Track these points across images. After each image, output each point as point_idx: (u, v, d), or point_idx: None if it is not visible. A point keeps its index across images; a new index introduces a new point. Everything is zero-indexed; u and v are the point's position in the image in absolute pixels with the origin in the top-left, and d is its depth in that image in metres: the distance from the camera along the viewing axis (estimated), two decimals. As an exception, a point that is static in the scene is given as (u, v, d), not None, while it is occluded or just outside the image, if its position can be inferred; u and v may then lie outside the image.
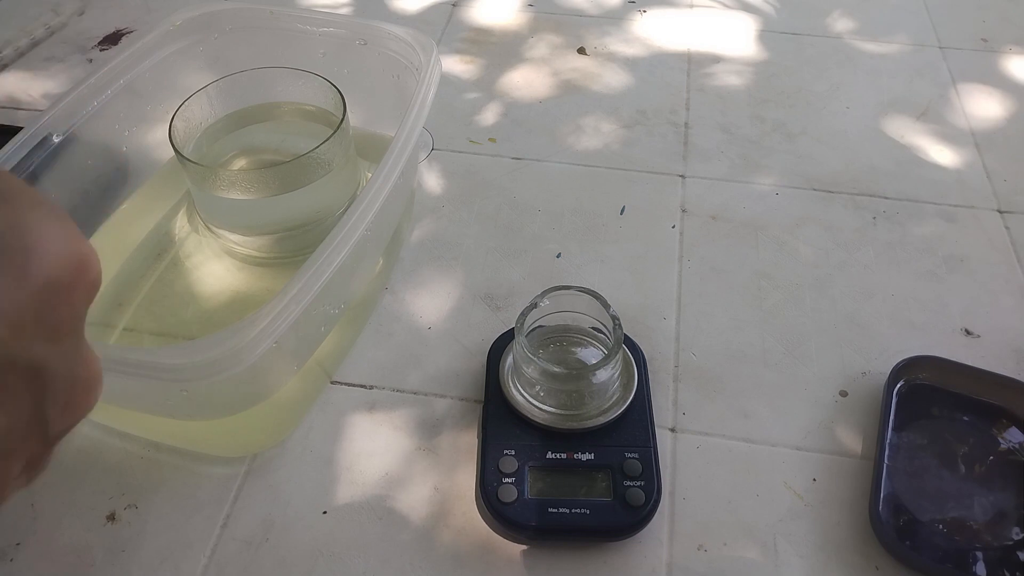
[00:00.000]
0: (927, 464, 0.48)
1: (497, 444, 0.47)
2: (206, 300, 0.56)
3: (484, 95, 0.79)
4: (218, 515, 0.47)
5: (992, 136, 0.75)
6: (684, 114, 0.77)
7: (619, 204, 0.67)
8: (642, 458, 0.46)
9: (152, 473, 0.49)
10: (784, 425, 0.51)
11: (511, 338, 0.51)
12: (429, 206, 0.66)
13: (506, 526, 0.44)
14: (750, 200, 0.68)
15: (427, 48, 0.54)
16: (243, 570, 0.45)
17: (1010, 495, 0.47)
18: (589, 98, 0.79)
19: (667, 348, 0.56)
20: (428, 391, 0.53)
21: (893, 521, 0.46)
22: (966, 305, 0.59)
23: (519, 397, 0.48)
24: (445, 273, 0.61)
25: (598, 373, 0.46)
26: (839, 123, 0.76)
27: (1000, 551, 0.45)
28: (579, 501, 0.44)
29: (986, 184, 0.70)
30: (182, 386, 0.40)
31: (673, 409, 0.52)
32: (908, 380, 0.52)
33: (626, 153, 0.72)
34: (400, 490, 0.48)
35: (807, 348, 0.56)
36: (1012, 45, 0.87)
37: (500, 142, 0.73)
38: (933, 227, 0.66)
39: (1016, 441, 0.50)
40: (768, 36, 0.88)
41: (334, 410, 0.52)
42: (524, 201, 0.67)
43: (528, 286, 0.60)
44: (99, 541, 0.46)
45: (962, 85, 0.81)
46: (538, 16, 0.90)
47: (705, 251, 0.63)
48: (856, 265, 0.62)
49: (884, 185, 0.69)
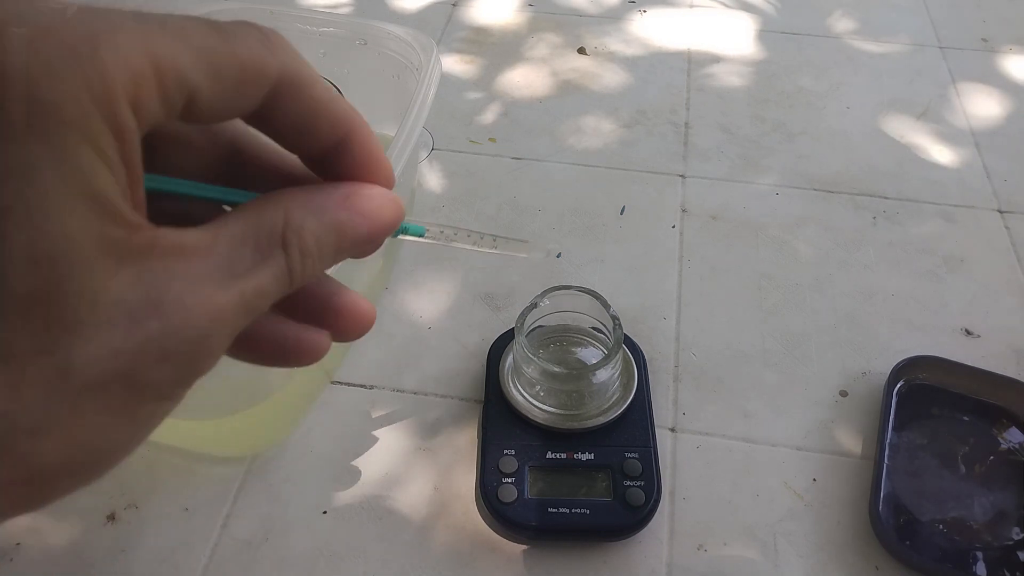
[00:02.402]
0: (927, 464, 0.48)
1: (497, 444, 0.47)
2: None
3: (484, 95, 0.79)
4: (218, 515, 0.47)
5: (992, 136, 0.75)
6: (684, 114, 0.77)
7: (619, 204, 0.67)
8: (642, 458, 0.46)
9: (152, 473, 0.49)
10: (784, 425, 0.51)
11: (511, 338, 0.51)
12: (429, 206, 0.66)
13: (506, 526, 0.44)
14: (750, 200, 0.68)
15: (427, 48, 0.54)
16: (243, 570, 0.45)
17: (1010, 495, 0.47)
18: (589, 98, 0.78)
19: (667, 348, 0.56)
20: (428, 391, 0.53)
21: (893, 521, 0.46)
22: (966, 305, 0.59)
23: (519, 397, 0.48)
24: (445, 273, 0.61)
25: (598, 373, 0.46)
26: (839, 123, 0.76)
27: (1000, 551, 0.45)
28: (579, 501, 0.44)
29: (986, 184, 0.70)
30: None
31: (673, 409, 0.52)
32: (908, 380, 0.52)
33: (626, 153, 0.72)
34: (400, 490, 0.48)
35: (807, 348, 0.56)
36: (1012, 45, 0.87)
37: (500, 142, 0.73)
38: (933, 227, 0.66)
39: (1016, 441, 0.50)
40: (768, 36, 0.88)
41: (334, 410, 0.52)
42: (524, 201, 0.67)
43: (528, 286, 0.60)
44: (99, 541, 0.46)
45: (962, 85, 0.81)
46: (538, 16, 0.90)
47: (705, 251, 0.63)
48: (856, 265, 0.62)
49: (884, 185, 0.69)
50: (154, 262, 0.15)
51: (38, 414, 0.14)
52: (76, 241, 0.14)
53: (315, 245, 0.17)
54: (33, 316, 0.14)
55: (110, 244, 0.14)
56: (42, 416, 0.14)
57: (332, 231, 0.18)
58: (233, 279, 0.16)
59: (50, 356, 0.14)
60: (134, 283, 0.15)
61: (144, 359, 0.15)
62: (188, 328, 0.15)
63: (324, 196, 0.18)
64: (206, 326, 0.15)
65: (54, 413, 0.14)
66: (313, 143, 0.19)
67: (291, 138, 0.19)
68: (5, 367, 0.13)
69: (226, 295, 0.16)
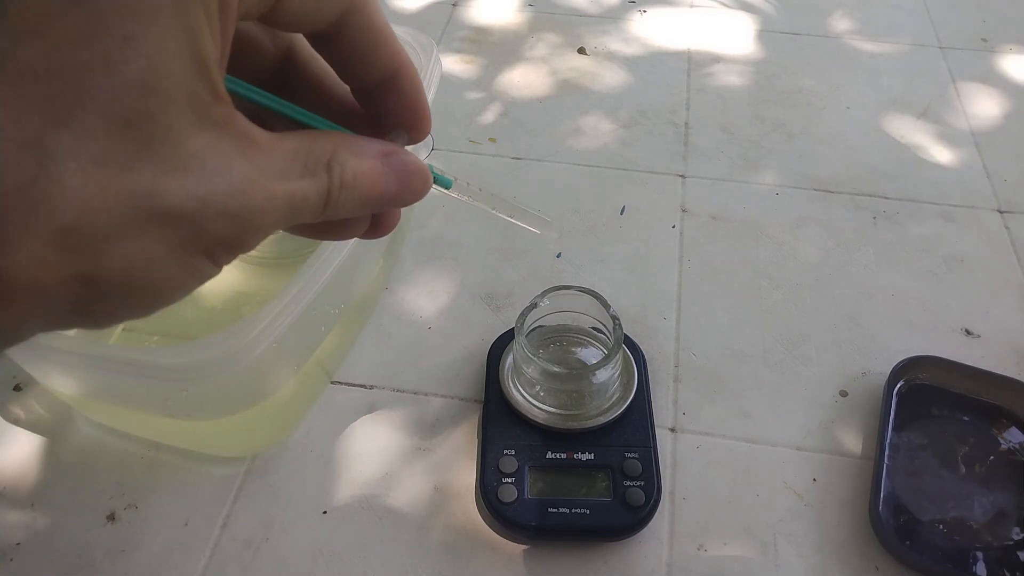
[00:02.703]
0: (927, 464, 0.48)
1: (497, 444, 0.47)
2: (206, 300, 0.56)
3: (484, 95, 0.79)
4: (218, 515, 0.47)
5: (992, 136, 0.75)
6: (684, 114, 0.77)
7: (619, 204, 0.67)
8: (642, 458, 0.46)
9: (152, 473, 0.49)
10: (784, 425, 0.51)
11: (511, 338, 0.51)
12: (429, 206, 0.66)
13: (506, 526, 0.44)
14: (750, 200, 0.68)
15: (427, 48, 0.54)
16: (243, 570, 0.45)
17: (1010, 495, 0.47)
18: (589, 98, 0.78)
19: (667, 348, 0.56)
20: (428, 391, 0.53)
21: (893, 521, 0.46)
22: (966, 305, 0.59)
23: (519, 397, 0.48)
24: (445, 273, 0.61)
25: (598, 373, 0.46)
26: (839, 123, 0.76)
27: (1000, 551, 0.45)
28: (579, 501, 0.44)
29: (986, 184, 0.70)
30: (182, 386, 0.40)
31: (673, 409, 0.52)
32: (908, 380, 0.52)
33: (626, 153, 0.72)
34: (400, 490, 0.48)
35: (807, 348, 0.56)
36: (1012, 45, 0.87)
37: (500, 142, 0.73)
38: (933, 227, 0.66)
39: (1016, 441, 0.50)
40: (768, 36, 0.88)
41: (334, 410, 0.52)
42: (524, 201, 0.66)
43: (528, 286, 0.60)
44: (99, 541, 0.46)
45: (962, 85, 0.81)
46: (538, 16, 0.90)
47: (705, 251, 0.63)
48: (856, 265, 0.62)
49: (884, 185, 0.69)
50: (227, 137, 0.17)
51: (116, 221, 0.15)
52: (177, 87, 0.15)
53: (352, 181, 0.19)
54: (125, 137, 0.15)
55: (199, 103, 0.16)
56: (118, 224, 0.15)
57: (367, 177, 0.20)
58: (285, 180, 0.18)
59: (133, 175, 0.15)
60: (211, 144, 0.16)
61: (208, 209, 0.16)
62: (248, 197, 0.17)
63: (367, 145, 0.20)
64: (261, 204, 0.17)
65: (126, 225, 0.15)
66: (367, 73, 0.21)
67: (349, 64, 0.21)
68: (97, 171, 0.15)
69: (280, 187, 0.17)
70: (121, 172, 0.15)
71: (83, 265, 0.15)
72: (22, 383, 0.53)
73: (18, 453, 0.50)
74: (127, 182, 0.15)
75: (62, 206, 0.14)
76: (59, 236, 0.14)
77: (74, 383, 0.46)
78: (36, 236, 0.14)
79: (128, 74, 0.15)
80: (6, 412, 0.52)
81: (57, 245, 0.14)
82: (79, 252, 0.15)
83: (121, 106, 0.15)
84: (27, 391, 0.53)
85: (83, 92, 0.14)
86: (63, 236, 0.14)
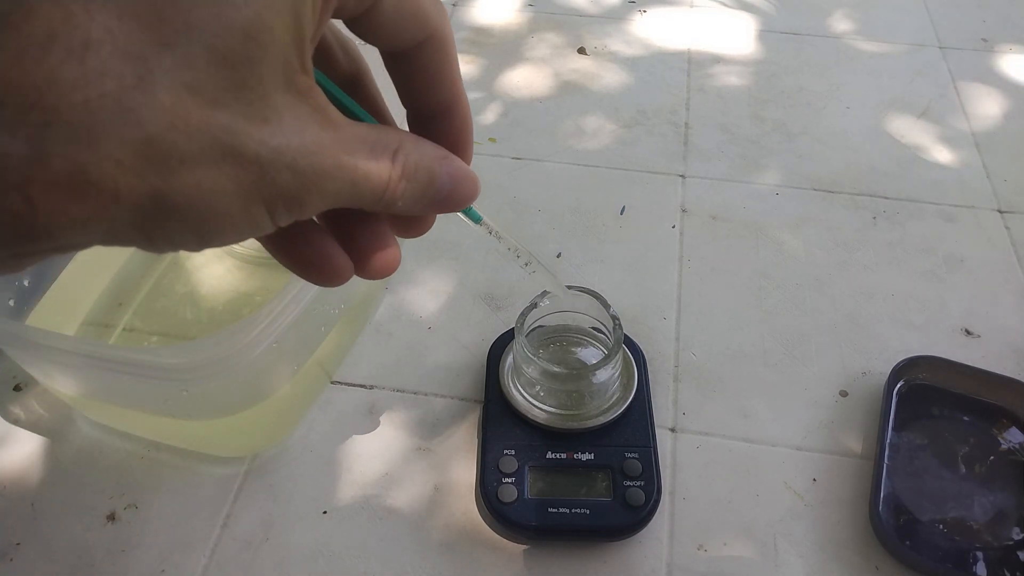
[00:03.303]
0: (927, 464, 0.49)
1: (497, 444, 0.47)
2: (206, 300, 0.56)
3: (484, 95, 0.79)
4: (218, 515, 0.47)
5: (992, 136, 0.75)
6: (684, 114, 0.77)
7: (619, 204, 0.67)
8: (642, 458, 0.46)
9: (152, 473, 0.49)
10: (784, 425, 0.51)
11: (511, 338, 0.51)
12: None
13: (506, 526, 0.44)
14: (750, 200, 0.68)
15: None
16: (243, 570, 0.45)
17: (1010, 495, 0.47)
18: (589, 98, 0.78)
19: (667, 348, 0.56)
20: (428, 391, 0.53)
21: (893, 521, 0.46)
22: (966, 305, 0.59)
23: (519, 397, 0.48)
24: (445, 273, 0.61)
25: (598, 373, 0.46)
26: (839, 123, 0.76)
27: (1000, 551, 0.45)
28: (579, 501, 0.44)
29: (986, 184, 0.70)
30: (182, 386, 0.40)
31: (673, 409, 0.52)
32: (908, 380, 0.52)
33: (626, 153, 0.72)
34: (400, 490, 0.48)
35: (807, 348, 0.56)
36: (1012, 45, 0.87)
37: (500, 142, 0.73)
38: (933, 227, 0.66)
39: (1016, 441, 0.50)
40: (768, 36, 0.88)
41: (334, 410, 0.52)
42: (524, 201, 0.67)
43: (528, 286, 0.60)
44: (99, 541, 0.46)
45: (962, 85, 0.81)
46: (538, 16, 0.90)
47: (705, 251, 0.63)
48: (856, 265, 0.62)
49: (884, 185, 0.69)
50: (307, 105, 0.17)
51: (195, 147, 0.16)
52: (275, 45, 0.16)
53: (413, 173, 0.20)
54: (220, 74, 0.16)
55: (289, 68, 0.17)
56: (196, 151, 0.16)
57: (426, 172, 0.20)
58: (353, 155, 0.18)
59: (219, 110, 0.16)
60: (292, 105, 0.17)
61: (279, 160, 0.17)
62: (318, 159, 0.17)
63: (429, 146, 0.21)
64: (328, 168, 0.18)
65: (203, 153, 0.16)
66: (429, 100, 0.22)
67: (415, 87, 0.22)
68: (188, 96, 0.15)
69: (348, 160, 0.18)
70: (209, 104, 0.16)
71: (156, 180, 0.16)
72: (22, 383, 0.53)
73: (18, 453, 0.50)
74: (213, 115, 0.16)
75: (150, 117, 0.15)
76: (142, 145, 0.15)
77: (74, 383, 0.46)
78: (121, 140, 0.15)
79: (236, 19, 0.16)
80: (6, 412, 0.52)
81: (138, 154, 0.15)
82: (156, 165, 0.15)
83: (223, 45, 0.16)
84: (27, 391, 0.53)
85: (192, 23, 0.15)
86: (145, 146, 0.15)
